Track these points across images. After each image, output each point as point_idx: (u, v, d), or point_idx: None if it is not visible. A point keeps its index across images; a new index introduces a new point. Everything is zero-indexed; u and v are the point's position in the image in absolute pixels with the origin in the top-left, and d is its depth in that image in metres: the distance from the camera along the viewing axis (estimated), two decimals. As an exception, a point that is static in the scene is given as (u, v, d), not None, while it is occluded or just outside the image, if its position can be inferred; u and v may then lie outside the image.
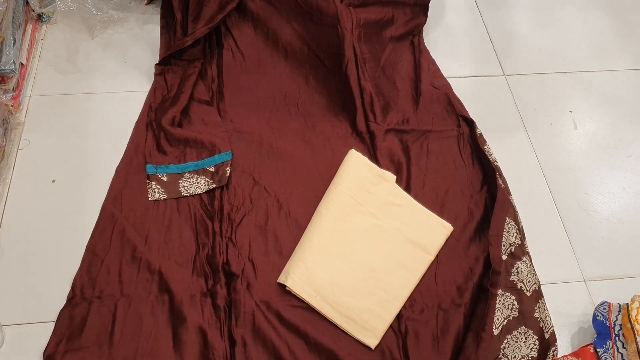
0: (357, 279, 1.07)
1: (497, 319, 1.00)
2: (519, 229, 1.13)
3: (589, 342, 1.02)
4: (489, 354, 0.97)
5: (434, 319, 1.05)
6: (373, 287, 1.06)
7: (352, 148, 1.23)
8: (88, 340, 0.98)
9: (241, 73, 1.37)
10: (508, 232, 1.10)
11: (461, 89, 1.38)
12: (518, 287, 1.04)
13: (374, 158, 1.23)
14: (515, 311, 1.02)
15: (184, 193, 1.16)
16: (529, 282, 1.06)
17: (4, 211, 1.14)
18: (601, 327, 1.01)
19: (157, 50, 1.40)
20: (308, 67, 1.38)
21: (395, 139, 1.27)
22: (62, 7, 1.40)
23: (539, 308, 1.04)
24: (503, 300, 1.02)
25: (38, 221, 1.13)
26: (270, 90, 1.35)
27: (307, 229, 1.12)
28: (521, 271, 1.06)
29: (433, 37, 1.51)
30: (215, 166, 1.19)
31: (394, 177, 1.21)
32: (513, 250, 1.09)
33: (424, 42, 1.46)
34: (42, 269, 1.07)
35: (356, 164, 1.20)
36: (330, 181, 1.19)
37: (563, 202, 1.25)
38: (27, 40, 1.35)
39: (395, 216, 1.15)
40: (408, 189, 1.20)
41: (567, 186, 1.27)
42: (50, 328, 0.99)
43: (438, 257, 1.12)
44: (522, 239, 1.12)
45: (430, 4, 1.47)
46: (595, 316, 1.03)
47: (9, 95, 1.24)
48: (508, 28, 1.57)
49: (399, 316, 1.05)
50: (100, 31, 1.43)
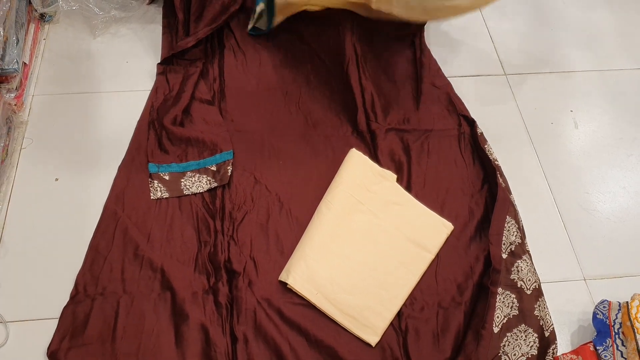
0: (358, 277, 1.07)
1: (497, 317, 1.01)
2: (520, 228, 1.13)
3: (589, 340, 1.02)
4: (489, 352, 0.98)
5: (434, 317, 1.05)
6: (373, 286, 1.07)
7: (353, 147, 1.23)
8: (91, 337, 0.99)
9: (242, 73, 1.37)
10: (508, 231, 1.10)
11: (462, 88, 1.39)
12: (518, 286, 1.05)
13: (375, 157, 1.24)
14: (515, 309, 1.03)
15: (186, 192, 1.16)
16: (529, 281, 1.06)
17: (8, 209, 1.14)
18: (601, 325, 1.02)
19: (159, 49, 1.40)
20: (309, 67, 1.38)
21: (396, 138, 1.27)
22: (65, 7, 1.40)
23: (539, 306, 1.05)
24: (503, 298, 1.03)
25: (41, 219, 1.13)
26: (271, 89, 1.35)
27: (308, 228, 1.13)
28: (521, 270, 1.06)
29: (434, 36, 1.51)
30: (216, 165, 1.20)
31: (395, 176, 1.21)
32: (513, 249, 1.09)
33: (425, 41, 1.46)
34: (46, 267, 1.08)
35: (357, 163, 1.20)
36: (331, 180, 1.19)
37: (563, 201, 1.25)
38: (30, 39, 1.35)
39: (395, 215, 1.15)
40: (409, 188, 1.20)
41: (568, 185, 1.28)
42: (53, 325, 1.00)
43: (438, 256, 1.12)
44: (523, 238, 1.12)
45: (431, 4, 1.47)
46: (595, 314, 1.04)
47: (12, 94, 1.24)
48: (509, 27, 1.57)
49: (400, 314, 1.05)
50: (102, 31, 1.43)
